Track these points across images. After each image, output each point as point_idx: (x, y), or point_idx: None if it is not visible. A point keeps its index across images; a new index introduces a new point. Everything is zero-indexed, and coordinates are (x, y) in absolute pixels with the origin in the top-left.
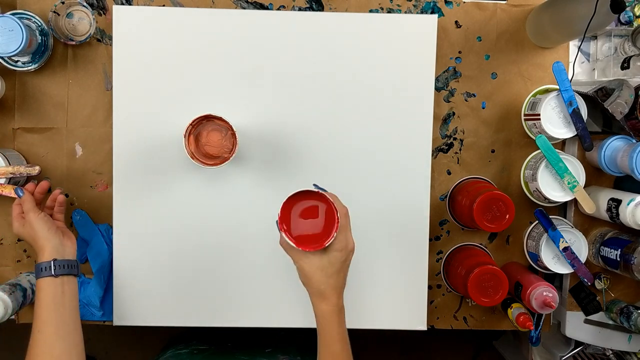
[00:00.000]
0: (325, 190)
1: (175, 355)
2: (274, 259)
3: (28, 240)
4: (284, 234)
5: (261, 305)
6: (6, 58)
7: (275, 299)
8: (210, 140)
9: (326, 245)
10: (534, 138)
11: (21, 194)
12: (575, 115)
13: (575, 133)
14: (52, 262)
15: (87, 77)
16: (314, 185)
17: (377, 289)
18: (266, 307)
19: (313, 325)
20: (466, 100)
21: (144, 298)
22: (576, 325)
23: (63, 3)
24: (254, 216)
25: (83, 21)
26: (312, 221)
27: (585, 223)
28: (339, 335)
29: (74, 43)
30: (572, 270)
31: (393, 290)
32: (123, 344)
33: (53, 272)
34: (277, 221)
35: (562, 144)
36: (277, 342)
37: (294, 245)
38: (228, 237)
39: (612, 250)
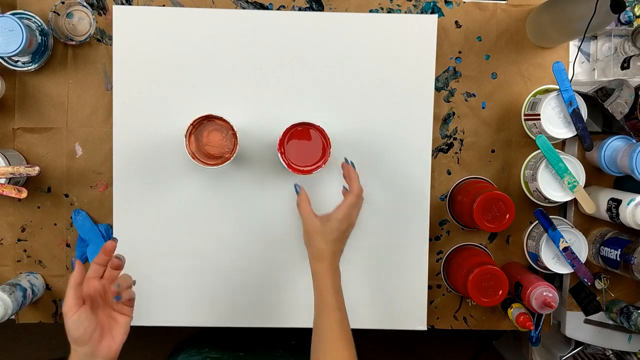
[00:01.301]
0: (353, 165)
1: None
2: (274, 259)
3: None
4: (280, 157)
5: (261, 305)
6: (6, 58)
7: (275, 299)
8: (211, 140)
9: (313, 172)
10: (534, 138)
11: (73, 266)
12: (575, 115)
13: (575, 133)
14: None
15: (87, 77)
16: (345, 158)
17: (377, 289)
18: (266, 307)
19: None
20: (466, 100)
21: (144, 298)
22: (576, 325)
23: (63, 3)
24: (254, 216)
25: (83, 21)
26: (308, 151)
27: (585, 223)
28: (333, 289)
29: (74, 43)
30: (572, 270)
31: (393, 290)
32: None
33: None
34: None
35: (562, 144)
36: (288, 348)
37: (286, 166)
38: (229, 237)
39: (612, 250)
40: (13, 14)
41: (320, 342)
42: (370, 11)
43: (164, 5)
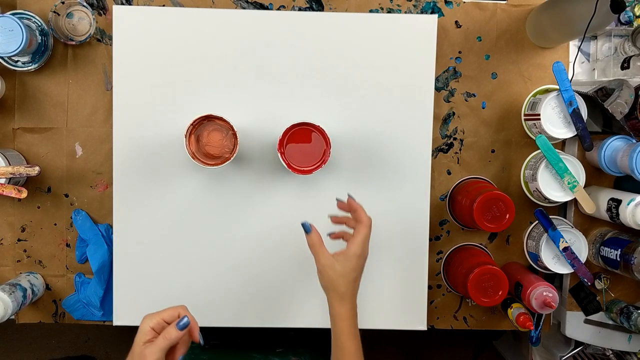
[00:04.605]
0: (353, 198)
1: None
2: (274, 259)
3: None
4: (280, 157)
5: (262, 304)
6: (6, 58)
7: (276, 299)
8: (211, 140)
9: (313, 172)
10: (534, 138)
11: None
12: (575, 115)
13: (575, 133)
14: None
15: (87, 77)
16: (348, 194)
17: (377, 289)
18: (267, 306)
19: (315, 325)
20: (466, 100)
21: (144, 298)
22: (576, 325)
23: (63, 3)
24: (254, 216)
25: (83, 21)
26: (308, 151)
27: (585, 223)
28: (353, 335)
29: (74, 43)
30: (572, 270)
31: (393, 290)
32: (123, 343)
33: None
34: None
35: (562, 144)
36: (287, 342)
37: (286, 166)
38: (229, 237)
39: (612, 250)
40: (13, 14)
41: None
42: (370, 11)
43: (164, 5)
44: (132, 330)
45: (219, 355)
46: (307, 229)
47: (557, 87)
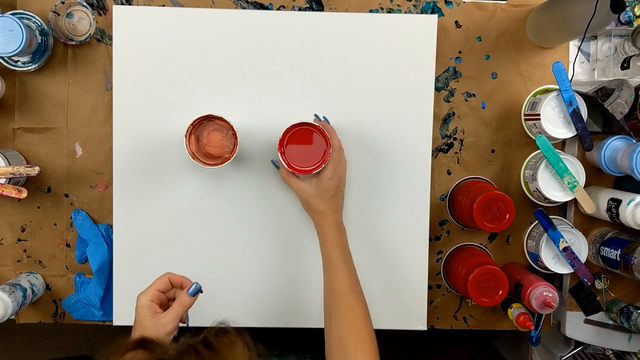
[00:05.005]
0: (326, 120)
1: None
2: (275, 259)
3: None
4: (280, 157)
5: (262, 304)
6: (6, 58)
7: (276, 299)
8: (211, 140)
9: (314, 172)
10: (534, 138)
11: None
12: (575, 115)
13: (575, 133)
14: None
15: (87, 77)
16: (315, 115)
17: (377, 289)
18: (268, 306)
19: (316, 325)
20: (466, 100)
21: None
22: (576, 325)
23: (63, 3)
24: (254, 216)
25: (83, 21)
26: (308, 151)
27: (585, 223)
28: (338, 246)
29: (74, 43)
30: (572, 270)
31: (393, 290)
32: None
33: None
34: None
35: (562, 144)
36: (283, 342)
37: (286, 166)
38: (229, 237)
39: (612, 250)
40: (13, 14)
41: (329, 298)
42: (370, 11)
43: (164, 5)
44: (131, 331)
45: None
46: (276, 165)
47: (557, 87)
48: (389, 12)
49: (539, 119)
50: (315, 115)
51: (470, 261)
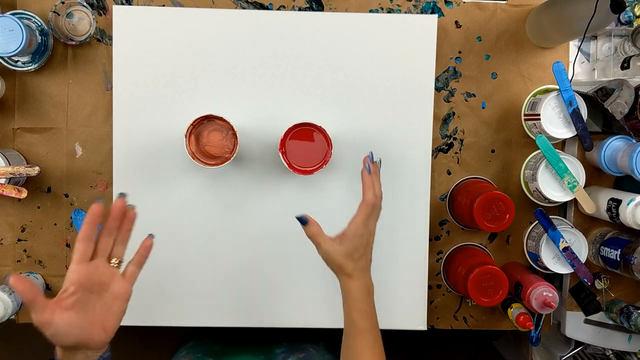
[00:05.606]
0: (380, 162)
1: (197, 345)
2: (275, 259)
3: None
4: (281, 157)
5: (262, 304)
6: (6, 58)
7: (277, 299)
8: (211, 140)
9: (314, 173)
10: (534, 138)
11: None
12: (575, 115)
13: (575, 133)
14: None
15: (87, 77)
16: (370, 152)
17: (377, 289)
18: (268, 306)
19: (316, 325)
20: (466, 100)
21: (144, 298)
22: (576, 325)
23: (63, 3)
24: (254, 216)
25: (83, 21)
26: (309, 151)
27: (585, 223)
28: (365, 312)
29: (74, 43)
30: (572, 270)
31: (393, 290)
32: (123, 343)
33: None
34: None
35: (562, 144)
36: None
37: (287, 166)
38: (229, 237)
39: (612, 250)
40: (13, 14)
41: None
42: (370, 11)
43: (164, 5)
44: (132, 330)
45: (229, 348)
46: (304, 221)
47: (557, 87)
48: (389, 12)
49: (539, 119)
50: (371, 152)
51: (470, 261)
